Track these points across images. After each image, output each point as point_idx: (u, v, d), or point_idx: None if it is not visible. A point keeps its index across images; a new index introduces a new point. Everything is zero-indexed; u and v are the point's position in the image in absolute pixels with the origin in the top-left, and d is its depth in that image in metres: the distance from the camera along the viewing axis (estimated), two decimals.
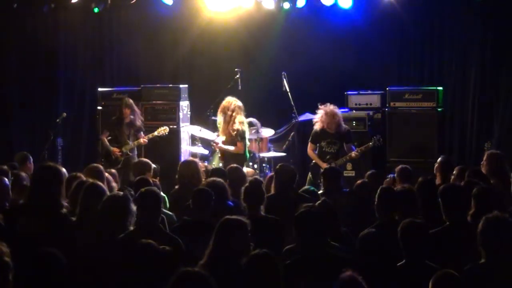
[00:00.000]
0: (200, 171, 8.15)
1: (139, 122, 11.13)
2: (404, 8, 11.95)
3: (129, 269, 4.67)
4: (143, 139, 11.00)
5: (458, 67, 11.85)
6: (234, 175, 7.77)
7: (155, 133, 11.02)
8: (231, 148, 10.18)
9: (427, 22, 12.04)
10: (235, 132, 10.19)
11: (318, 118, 10.14)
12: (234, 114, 10.23)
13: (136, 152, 11.19)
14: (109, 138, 11.07)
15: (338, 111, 10.18)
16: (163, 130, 11.06)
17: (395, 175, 8.38)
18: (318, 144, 10.14)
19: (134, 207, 5.79)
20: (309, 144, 10.26)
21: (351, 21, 12.19)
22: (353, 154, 9.99)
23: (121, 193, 5.95)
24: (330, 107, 10.11)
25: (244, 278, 4.70)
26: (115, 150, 10.95)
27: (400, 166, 8.45)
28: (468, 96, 11.74)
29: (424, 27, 12.08)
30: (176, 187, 8.07)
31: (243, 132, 10.27)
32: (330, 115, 10.02)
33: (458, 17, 11.83)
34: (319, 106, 10.18)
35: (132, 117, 11.04)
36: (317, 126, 10.14)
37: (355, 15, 12.13)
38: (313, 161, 10.12)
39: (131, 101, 11.17)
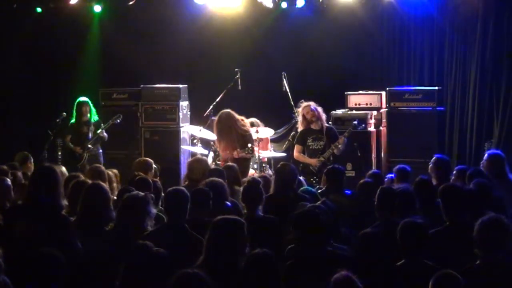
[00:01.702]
0: None
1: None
2: (404, 8, 11.94)
3: (128, 270, 4.67)
4: (101, 132, 11.26)
5: (458, 67, 11.84)
6: (229, 173, 7.78)
7: (110, 121, 11.29)
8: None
9: (427, 22, 12.01)
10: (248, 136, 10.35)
11: (299, 120, 10.29)
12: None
13: (100, 149, 11.42)
14: (71, 139, 11.41)
15: (312, 104, 10.26)
16: (116, 117, 11.33)
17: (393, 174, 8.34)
18: (304, 145, 10.18)
19: (153, 209, 5.83)
20: (296, 147, 10.30)
21: (351, 21, 12.19)
22: (336, 142, 10.00)
23: (141, 193, 5.96)
24: (305, 103, 10.26)
25: (244, 278, 4.69)
26: (77, 148, 11.21)
27: (398, 166, 8.43)
28: (468, 96, 11.73)
29: (424, 27, 12.06)
30: (186, 183, 8.09)
31: None
32: (304, 108, 10.19)
33: (458, 16, 11.81)
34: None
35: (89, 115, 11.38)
36: (300, 127, 10.31)
37: (356, 15, 12.12)
38: (301, 165, 10.13)
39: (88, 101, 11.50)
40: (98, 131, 11.23)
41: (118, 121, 11.38)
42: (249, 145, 10.15)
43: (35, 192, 5.82)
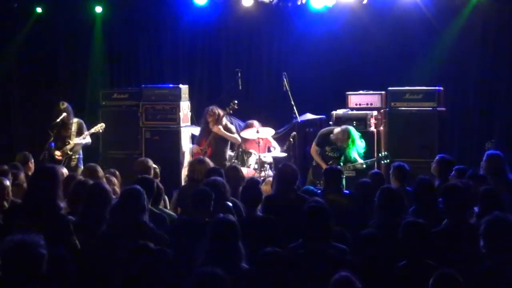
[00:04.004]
0: None
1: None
2: (405, 8, 11.94)
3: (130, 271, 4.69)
4: (79, 138, 10.96)
5: (458, 67, 11.84)
6: (231, 175, 7.76)
7: (92, 130, 11.07)
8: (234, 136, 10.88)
9: (428, 22, 12.01)
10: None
11: (335, 132, 10.13)
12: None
13: (81, 155, 11.13)
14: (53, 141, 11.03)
15: (353, 132, 10.17)
16: (100, 127, 11.16)
17: (390, 172, 8.31)
18: (322, 148, 10.21)
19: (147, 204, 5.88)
20: (314, 145, 10.33)
21: (352, 21, 12.19)
22: (358, 165, 10.07)
23: (138, 187, 5.99)
24: (348, 128, 10.13)
25: (253, 277, 4.72)
26: (57, 153, 10.88)
27: (395, 164, 8.39)
28: (468, 96, 11.73)
29: (424, 27, 12.05)
30: (186, 183, 8.09)
31: None
32: (343, 136, 10.06)
33: (458, 16, 11.82)
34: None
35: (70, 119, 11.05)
36: (327, 131, 10.25)
37: (356, 15, 12.13)
38: (315, 161, 10.19)
39: (66, 104, 11.12)
40: (76, 140, 10.98)
41: (101, 131, 11.25)
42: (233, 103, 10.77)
43: (34, 191, 5.83)
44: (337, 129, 10.12)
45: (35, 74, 13.68)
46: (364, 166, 10.11)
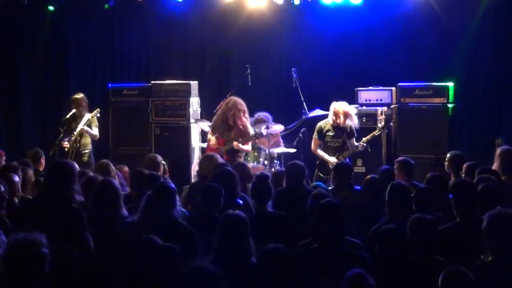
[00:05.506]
0: None
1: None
2: (415, 4, 11.90)
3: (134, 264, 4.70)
4: (81, 128, 11.03)
5: (468, 63, 11.80)
6: (239, 171, 7.74)
7: (89, 117, 11.11)
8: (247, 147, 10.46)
9: (437, 18, 11.97)
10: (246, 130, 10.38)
11: (329, 114, 10.23)
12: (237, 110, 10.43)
13: (90, 147, 11.22)
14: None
15: (349, 109, 10.24)
16: (96, 112, 11.23)
17: (395, 166, 8.26)
18: (322, 140, 10.20)
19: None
20: (314, 141, 10.31)
21: (361, 17, 12.17)
22: (360, 145, 10.09)
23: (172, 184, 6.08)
24: (341, 105, 10.18)
25: (257, 273, 4.71)
26: (65, 144, 10.99)
27: (401, 159, 8.36)
28: (478, 92, 11.69)
29: (434, 23, 12.01)
30: (196, 179, 8.10)
31: None
32: (340, 114, 10.11)
33: (468, 12, 11.77)
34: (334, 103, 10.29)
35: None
36: (321, 122, 10.28)
37: (366, 11, 12.10)
38: (318, 161, 10.21)
39: (81, 95, 11.32)
40: (78, 129, 11.01)
41: (98, 115, 11.33)
42: (253, 131, 10.33)
43: (51, 187, 5.84)
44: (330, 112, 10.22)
45: (45, 71, 13.69)
46: (365, 143, 10.13)
